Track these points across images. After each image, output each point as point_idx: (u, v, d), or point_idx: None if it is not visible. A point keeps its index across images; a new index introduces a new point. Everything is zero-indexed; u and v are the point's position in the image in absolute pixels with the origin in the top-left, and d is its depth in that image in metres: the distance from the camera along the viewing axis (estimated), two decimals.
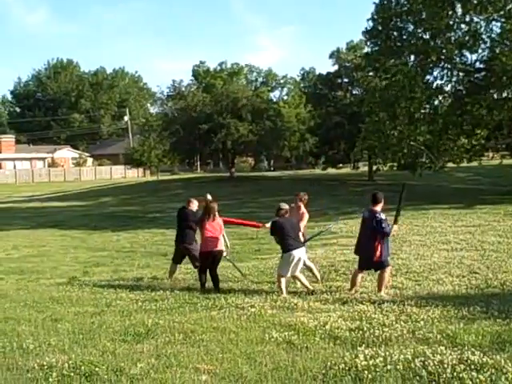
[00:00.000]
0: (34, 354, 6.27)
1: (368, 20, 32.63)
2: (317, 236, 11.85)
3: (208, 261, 10.58)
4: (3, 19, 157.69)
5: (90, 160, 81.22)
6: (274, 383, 5.24)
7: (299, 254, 9.86)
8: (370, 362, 5.59)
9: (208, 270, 10.60)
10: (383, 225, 9.45)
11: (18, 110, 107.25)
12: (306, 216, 11.01)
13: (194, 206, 11.74)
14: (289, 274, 9.93)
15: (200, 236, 10.96)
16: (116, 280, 11.82)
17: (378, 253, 9.50)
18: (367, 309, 8.07)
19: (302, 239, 10.36)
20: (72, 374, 5.51)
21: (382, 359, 5.67)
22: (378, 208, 9.76)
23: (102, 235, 22.42)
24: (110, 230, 23.82)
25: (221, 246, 10.81)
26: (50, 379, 5.42)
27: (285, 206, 10.42)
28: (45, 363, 5.81)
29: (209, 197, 11.86)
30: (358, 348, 6.14)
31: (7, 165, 72.65)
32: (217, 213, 10.85)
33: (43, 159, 77.33)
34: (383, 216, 9.59)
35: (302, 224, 10.81)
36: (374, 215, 9.58)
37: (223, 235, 11.07)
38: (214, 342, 6.58)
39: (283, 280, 9.83)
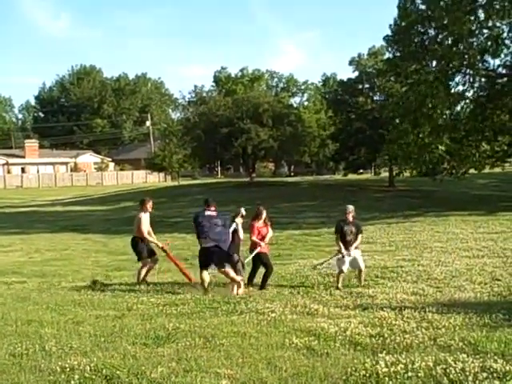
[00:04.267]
0: (56, 356, 6.32)
1: (390, 25, 32.55)
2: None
3: None
4: (28, 26, 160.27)
5: (111, 165, 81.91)
6: None
7: None
8: (391, 369, 5.56)
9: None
10: None
11: (41, 115, 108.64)
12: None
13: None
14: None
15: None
16: (137, 284, 11.88)
17: None
18: (388, 315, 8.02)
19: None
20: (94, 377, 5.56)
21: (403, 366, 5.63)
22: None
23: (124, 239, 22.52)
24: (131, 234, 23.91)
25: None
26: (72, 382, 5.46)
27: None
28: (67, 365, 5.87)
29: None
30: (379, 354, 6.10)
31: (31, 169, 73.62)
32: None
33: (66, 164, 78.19)
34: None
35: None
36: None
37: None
38: (235, 347, 6.58)
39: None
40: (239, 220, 11.35)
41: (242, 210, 11.50)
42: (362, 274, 11.19)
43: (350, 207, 11.31)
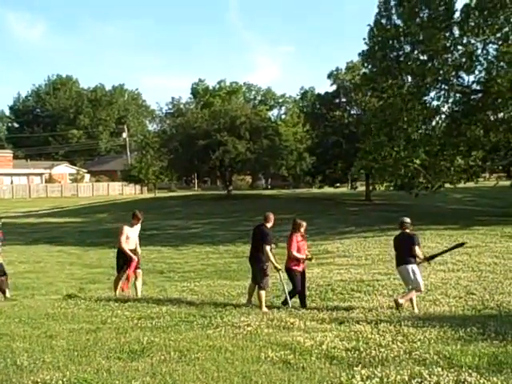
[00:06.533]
0: (29, 370, 6.20)
1: (364, 40, 32.89)
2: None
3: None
4: (3, 35, 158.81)
5: (87, 176, 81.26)
6: None
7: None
8: (367, 383, 5.55)
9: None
10: None
11: (16, 125, 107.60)
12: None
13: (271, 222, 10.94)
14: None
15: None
16: (112, 297, 11.75)
17: None
18: (364, 329, 8.03)
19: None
20: None
21: (378, 380, 5.62)
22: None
23: (98, 252, 22.39)
24: (106, 246, 23.78)
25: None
26: None
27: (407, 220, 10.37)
28: (39, 380, 5.75)
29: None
30: (355, 368, 6.08)
31: (4, 180, 72.62)
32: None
33: (41, 175, 77.34)
34: None
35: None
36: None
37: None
38: (210, 361, 6.52)
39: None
40: None
41: None
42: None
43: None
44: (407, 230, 10.24)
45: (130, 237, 11.98)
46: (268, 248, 10.41)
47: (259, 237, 10.55)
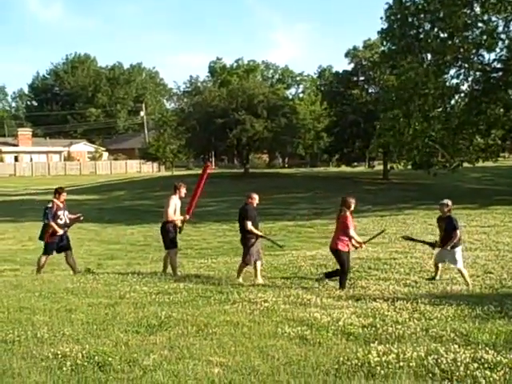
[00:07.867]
0: (49, 343, 6.30)
1: (381, 18, 32.46)
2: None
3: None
4: (21, 15, 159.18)
5: (105, 154, 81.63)
6: (286, 377, 5.23)
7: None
8: (383, 359, 5.56)
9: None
10: None
11: (35, 103, 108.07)
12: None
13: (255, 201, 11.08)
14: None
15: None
16: (130, 273, 11.87)
17: None
18: (380, 306, 8.03)
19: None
20: (86, 364, 5.55)
21: (394, 356, 5.64)
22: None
23: (116, 229, 22.57)
24: (124, 223, 23.98)
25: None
26: (64, 368, 5.44)
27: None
28: (59, 352, 5.85)
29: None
30: (371, 344, 6.10)
31: (24, 158, 73.25)
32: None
33: (59, 153, 77.85)
34: None
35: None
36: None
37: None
38: (227, 336, 6.58)
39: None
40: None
41: None
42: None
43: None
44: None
45: (178, 209, 11.80)
46: (249, 223, 10.68)
47: (241, 215, 10.93)
